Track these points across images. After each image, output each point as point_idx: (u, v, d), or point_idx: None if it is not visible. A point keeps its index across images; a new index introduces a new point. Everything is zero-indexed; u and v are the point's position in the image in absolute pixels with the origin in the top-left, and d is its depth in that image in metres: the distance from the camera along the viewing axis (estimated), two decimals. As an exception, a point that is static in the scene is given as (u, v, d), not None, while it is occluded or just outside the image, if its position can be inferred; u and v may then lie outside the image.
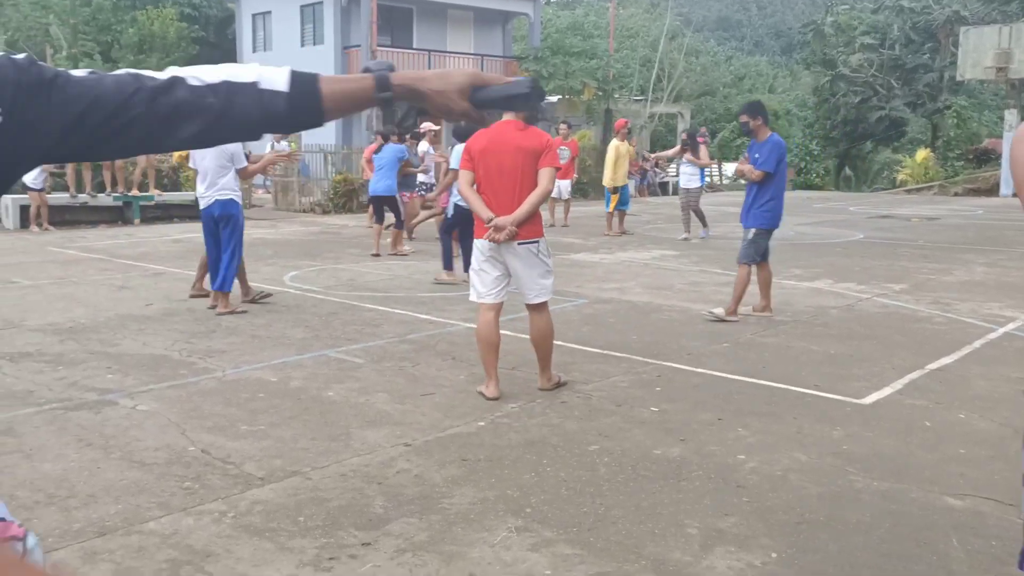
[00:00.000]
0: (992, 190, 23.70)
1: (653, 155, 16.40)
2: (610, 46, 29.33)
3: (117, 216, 14.96)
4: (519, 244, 4.60)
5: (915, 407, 4.64)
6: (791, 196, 25.52)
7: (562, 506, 3.29)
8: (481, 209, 4.61)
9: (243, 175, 7.11)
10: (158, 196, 15.51)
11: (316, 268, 9.66)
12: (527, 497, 3.37)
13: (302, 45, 24.57)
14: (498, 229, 4.52)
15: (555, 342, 5.55)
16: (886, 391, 4.93)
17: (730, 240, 12.66)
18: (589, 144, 22.57)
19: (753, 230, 6.83)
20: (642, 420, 4.37)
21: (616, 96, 29.98)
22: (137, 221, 14.97)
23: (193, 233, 13.38)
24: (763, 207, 6.78)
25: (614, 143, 13.48)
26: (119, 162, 14.75)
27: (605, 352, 5.74)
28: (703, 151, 13.16)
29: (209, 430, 4.11)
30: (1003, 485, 3.55)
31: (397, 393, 4.76)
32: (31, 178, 13.34)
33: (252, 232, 13.74)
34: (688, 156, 12.83)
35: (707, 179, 13.06)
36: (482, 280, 4.71)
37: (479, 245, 4.71)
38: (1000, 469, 3.73)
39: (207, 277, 7.25)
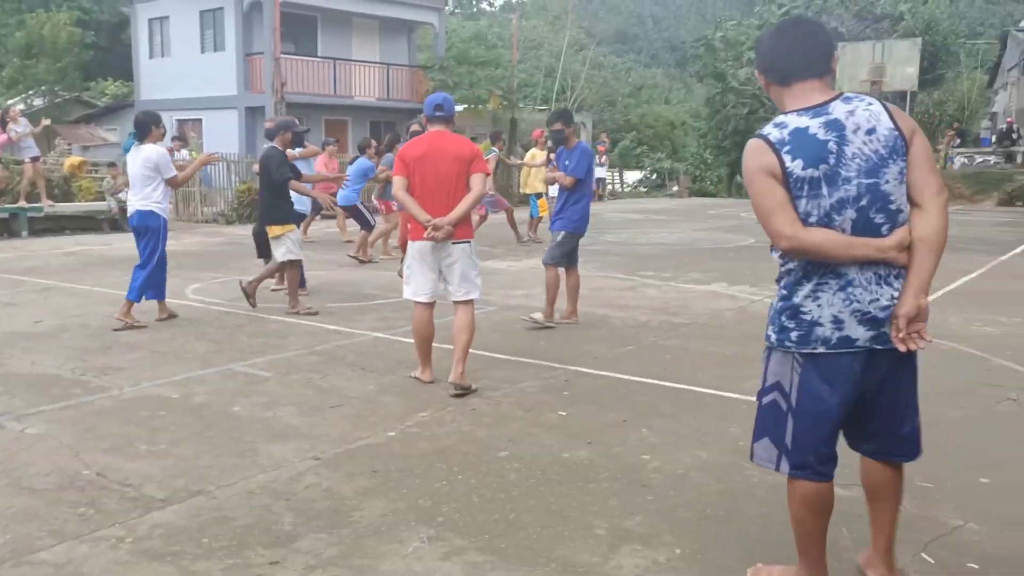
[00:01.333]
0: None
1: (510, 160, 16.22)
2: (514, 57, 29.64)
3: (2, 229, 14.17)
4: (454, 243, 5.00)
5: (805, 404, 4.89)
6: (689, 203, 26.45)
7: (473, 513, 3.34)
8: (418, 212, 4.93)
9: (172, 184, 7.01)
10: (48, 207, 14.78)
11: (220, 280, 9.42)
12: (438, 506, 3.41)
13: (202, 52, 23.88)
14: (437, 228, 4.88)
15: (472, 351, 5.65)
16: (779, 389, 5.17)
17: (633, 246, 13.02)
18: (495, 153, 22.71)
19: (561, 233, 6.92)
20: (550, 424, 4.46)
21: (521, 106, 30.32)
22: (25, 234, 14.22)
23: (86, 246, 12.84)
24: (572, 211, 6.92)
25: (532, 151, 14.02)
26: (1, 172, 14.01)
27: (514, 358, 5.83)
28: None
29: (105, 452, 3.97)
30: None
31: (305, 406, 4.72)
32: None
33: (148, 244, 13.31)
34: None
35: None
36: (418, 281, 5.08)
37: (416, 247, 5.05)
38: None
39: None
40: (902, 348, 2.45)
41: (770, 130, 2.48)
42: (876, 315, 2.46)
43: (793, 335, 2.52)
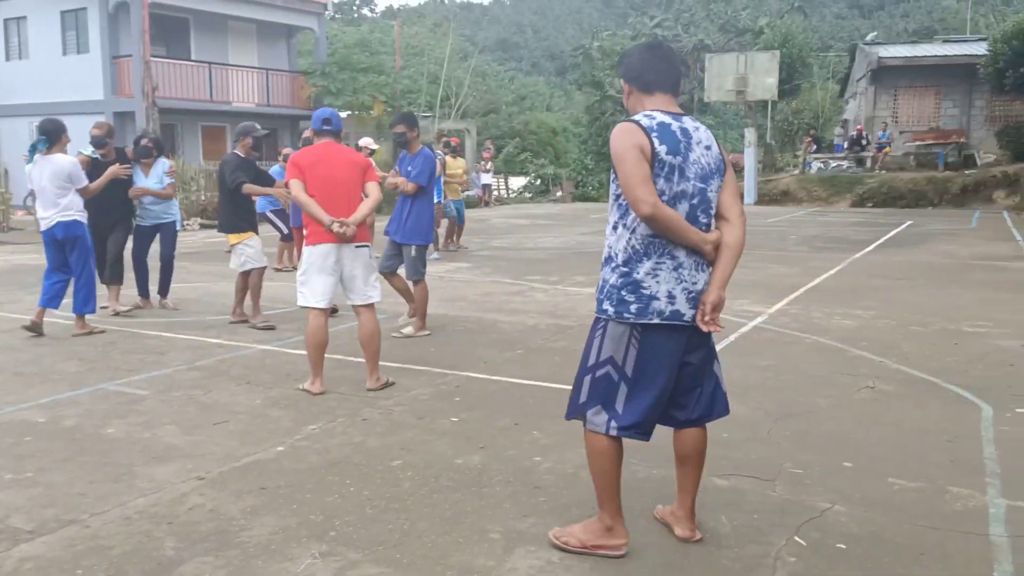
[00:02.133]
0: (738, 199, 26.35)
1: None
2: (397, 63, 29.47)
3: None
4: (356, 246, 5.10)
5: (687, 400, 5.09)
6: (573, 208, 26.98)
7: (367, 525, 3.31)
8: (320, 213, 4.96)
9: (84, 194, 6.86)
10: None
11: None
12: (331, 520, 3.36)
13: (64, 54, 22.56)
14: (344, 225, 4.95)
15: (355, 359, 5.61)
16: (662, 387, 5.37)
17: (520, 251, 13.18)
18: (382, 160, 22.47)
19: (414, 247, 6.74)
20: (443, 431, 4.47)
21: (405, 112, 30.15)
22: None
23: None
24: (420, 222, 6.73)
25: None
26: None
27: (405, 366, 5.80)
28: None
29: (-32, 481, 3.71)
30: (759, 463, 4.00)
31: (187, 424, 4.55)
32: None
33: (11, 258, 12.46)
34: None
35: (468, 195, 13.12)
36: (314, 286, 5.06)
37: (317, 251, 5.04)
38: (756, 448, 4.20)
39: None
40: (705, 329, 2.90)
41: (640, 118, 2.88)
42: (696, 296, 2.90)
43: (632, 307, 2.87)
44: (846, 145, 28.31)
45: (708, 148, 2.92)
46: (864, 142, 27.23)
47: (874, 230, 16.63)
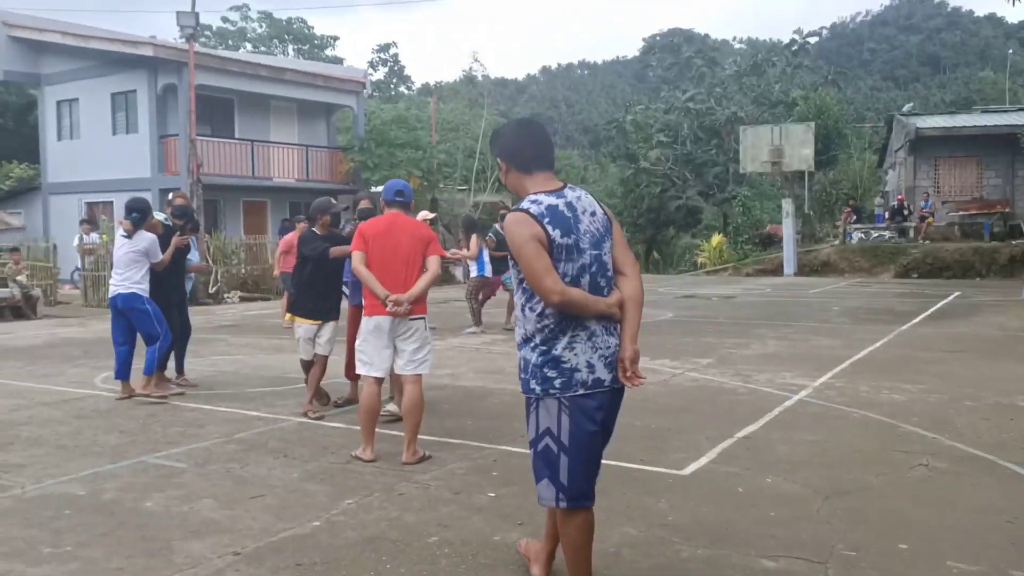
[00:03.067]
0: (777, 270, 26.14)
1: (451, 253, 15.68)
2: (432, 138, 30.13)
3: None
4: (412, 319, 5.21)
5: (728, 474, 4.96)
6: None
7: (404, 603, 3.23)
8: (377, 288, 5.13)
9: (156, 268, 7.24)
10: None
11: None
12: (367, 597, 3.29)
13: (114, 134, 23.45)
14: (397, 303, 5.06)
15: (390, 432, 5.58)
16: (702, 460, 5.25)
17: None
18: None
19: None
20: (480, 507, 4.39)
21: (441, 186, 30.70)
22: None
23: (-18, 335, 12.19)
24: None
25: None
26: None
27: (442, 439, 5.74)
28: (473, 241, 12.16)
29: (5, 556, 3.70)
30: (809, 544, 3.86)
31: (224, 498, 4.53)
32: None
33: (56, 331, 12.73)
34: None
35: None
36: (371, 355, 5.21)
37: (372, 322, 5.18)
38: (805, 528, 4.06)
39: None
40: (630, 385, 3.02)
41: (528, 206, 2.98)
42: (612, 359, 3.00)
43: (557, 383, 2.98)
44: (887, 215, 28.07)
45: (593, 214, 3.06)
46: (906, 212, 26.99)
47: (920, 301, 16.33)
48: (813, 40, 41.31)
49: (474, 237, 12.12)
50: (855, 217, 28.42)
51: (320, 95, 25.97)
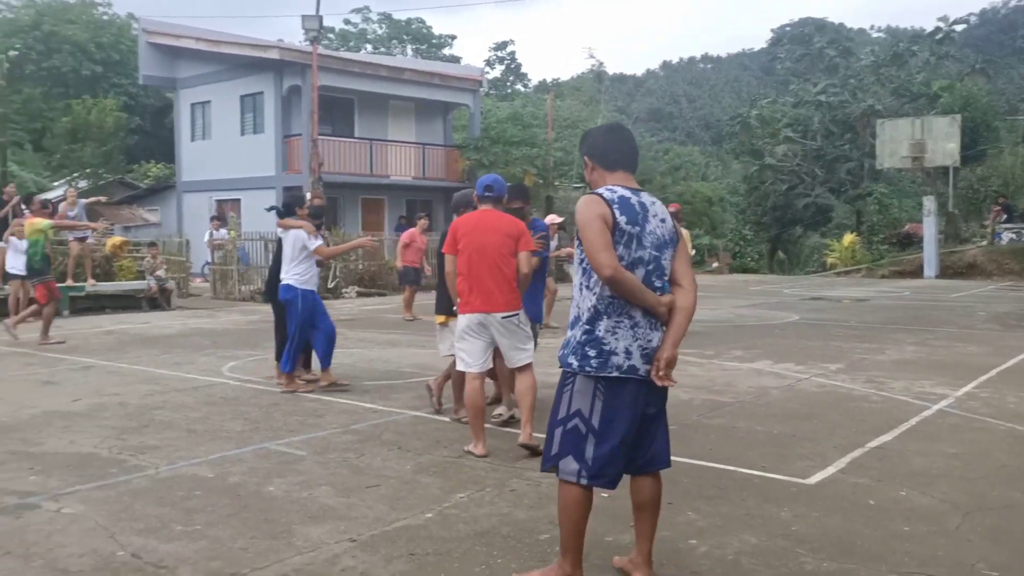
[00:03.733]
0: (916, 272, 24.66)
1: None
2: (549, 135, 30.15)
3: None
4: (504, 316, 5.23)
5: (858, 485, 4.68)
6: (730, 279, 26.22)
7: (514, 601, 3.19)
8: (453, 294, 5.37)
9: (321, 254, 7.52)
10: (91, 286, 15.08)
11: (256, 358, 9.44)
12: (478, 592, 3.26)
13: (242, 134, 24.64)
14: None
15: (500, 430, 5.58)
16: (830, 470, 4.98)
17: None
18: (530, 230, 22.95)
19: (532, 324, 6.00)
20: (593, 506, 4.29)
21: (557, 184, 30.69)
22: (66, 312, 14.47)
23: (125, 324, 13.02)
24: (537, 297, 6.27)
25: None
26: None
27: (552, 438, 5.68)
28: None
29: (140, 532, 3.89)
30: (946, 560, 3.58)
31: (341, 486, 4.62)
32: (10, 264, 12.50)
33: (188, 322, 13.45)
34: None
35: None
36: (469, 352, 5.28)
37: (465, 320, 5.26)
38: (942, 544, 3.77)
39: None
40: (659, 384, 3.16)
41: (603, 192, 3.21)
42: (651, 353, 3.17)
43: (594, 362, 3.14)
44: (1042, 214, 25.95)
45: (663, 221, 3.26)
46: (1063, 210, 24.86)
47: (1074, 306, 15.07)
48: (960, 28, 38.75)
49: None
50: (1005, 216, 26.32)
51: (437, 94, 26.42)
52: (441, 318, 6.27)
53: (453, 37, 60.62)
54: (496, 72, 65.01)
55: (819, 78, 36.22)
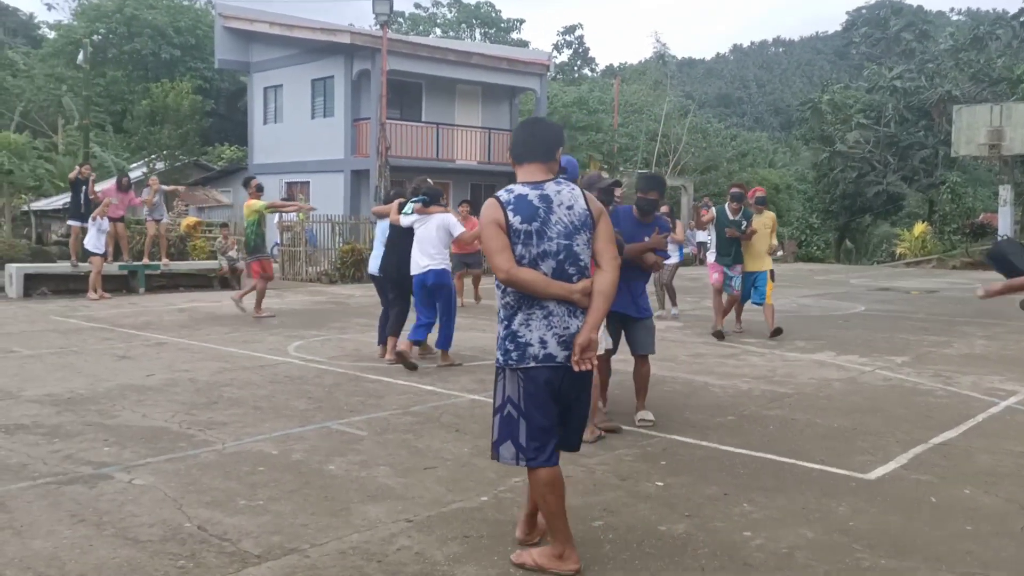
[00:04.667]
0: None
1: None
2: (615, 121, 29.91)
3: (122, 285, 15.02)
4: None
5: (920, 482, 4.59)
6: (795, 268, 25.67)
7: (565, 585, 3.23)
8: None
9: (464, 240, 7.81)
10: (164, 266, 15.63)
11: (321, 338, 9.67)
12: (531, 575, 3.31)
13: (312, 117, 25.06)
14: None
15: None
16: (891, 466, 4.88)
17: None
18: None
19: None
20: (647, 495, 4.32)
21: (621, 169, 30.44)
22: (142, 290, 15.03)
23: (197, 303, 13.45)
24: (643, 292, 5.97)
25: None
26: (122, 230, 14.92)
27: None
28: (679, 227, 11.45)
29: (207, 505, 4.06)
30: (1010, 562, 3.49)
31: (399, 467, 4.72)
32: (91, 243, 13.52)
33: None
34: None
35: (685, 253, 11.49)
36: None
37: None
38: (1006, 546, 3.68)
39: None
40: (575, 368, 3.28)
41: (502, 193, 3.36)
42: (568, 339, 3.29)
43: (514, 355, 3.31)
44: None
45: (570, 208, 3.33)
46: None
47: None
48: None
49: (679, 223, 11.84)
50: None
51: (504, 78, 26.39)
52: None
53: (521, 21, 60.51)
54: (564, 56, 64.68)
55: (894, 62, 35.10)
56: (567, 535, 3.37)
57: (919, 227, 27.57)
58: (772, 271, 10.14)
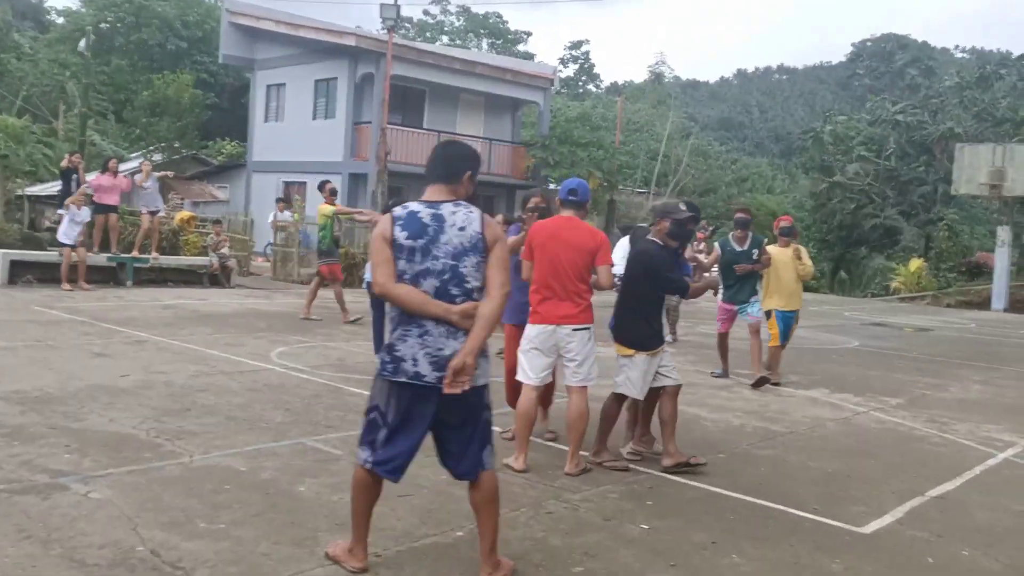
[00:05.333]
0: (984, 303, 23.73)
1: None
2: (616, 139, 29.80)
3: (109, 277, 14.74)
4: (574, 328, 5.06)
5: (916, 539, 4.39)
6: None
7: (539, 639, 3.01)
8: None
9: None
10: (154, 259, 15.34)
11: (306, 345, 9.43)
12: (502, 626, 3.10)
13: (314, 118, 24.87)
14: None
15: (547, 443, 5.41)
16: (886, 519, 4.69)
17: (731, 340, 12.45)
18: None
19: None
20: (631, 538, 4.10)
21: (620, 187, 30.33)
22: (130, 283, 14.76)
23: (184, 300, 13.19)
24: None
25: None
26: (114, 222, 14.66)
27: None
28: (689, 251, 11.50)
29: (164, 526, 3.82)
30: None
31: (372, 492, 4.49)
32: (62, 232, 13.21)
33: (245, 302, 13.57)
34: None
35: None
36: (531, 364, 5.16)
37: (533, 331, 5.13)
38: (1012, 622, 3.48)
39: None
40: (446, 390, 3.26)
41: (397, 209, 3.41)
42: (442, 361, 3.28)
43: (389, 367, 3.35)
44: None
45: (462, 229, 3.33)
46: None
47: None
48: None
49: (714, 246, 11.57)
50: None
51: (508, 90, 26.28)
52: (628, 351, 5.32)
53: (528, 33, 60.52)
54: (569, 71, 64.76)
55: (898, 96, 35.10)
56: (360, 535, 3.50)
57: (915, 263, 27.48)
58: (798, 310, 8.90)
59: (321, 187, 12.26)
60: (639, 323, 5.33)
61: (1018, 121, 29.29)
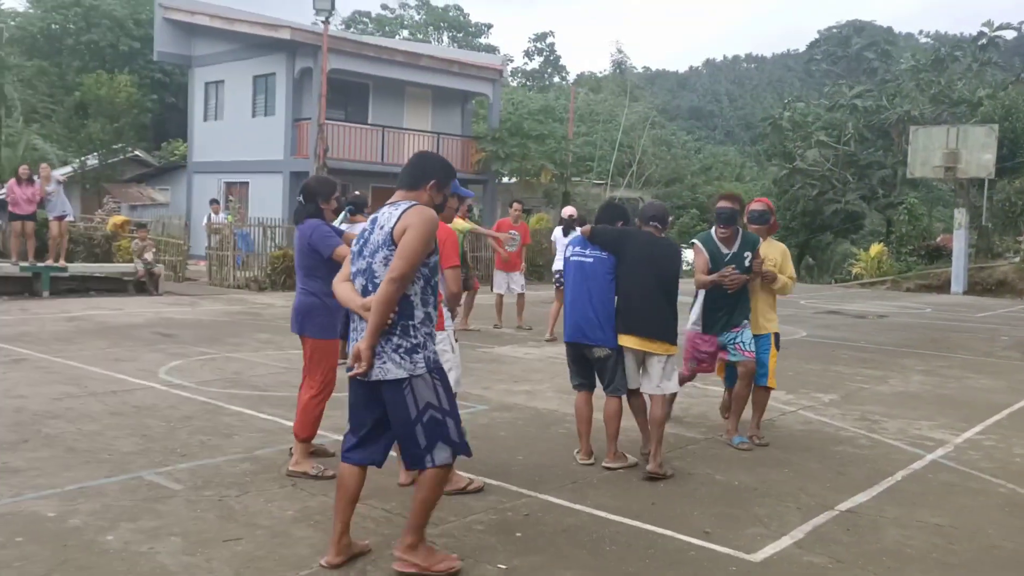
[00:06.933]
0: (943, 287, 23.55)
1: None
2: (569, 130, 29.28)
3: (24, 288, 13.99)
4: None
5: (811, 567, 3.90)
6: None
7: None
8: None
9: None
10: (59, 266, 14.47)
11: (205, 358, 8.81)
12: None
13: (253, 116, 24.08)
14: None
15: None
16: (784, 542, 4.20)
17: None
18: (546, 227, 22.15)
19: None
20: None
21: (576, 180, 29.83)
22: (46, 294, 14.01)
23: (96, 310, 12.45)
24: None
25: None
26: (30, 230, 13.93)
27: (489, 480, 4.93)
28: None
29: (-90, 596, 3.24)
30: None
31: (194, 538, 3.92)
32: None
33: (161, 311, 12.88)
34: None
35: None
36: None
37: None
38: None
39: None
40: (349, 374, 3.49)
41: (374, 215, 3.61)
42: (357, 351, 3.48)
43: (349, 358, 3.52)
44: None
45: (382, 228, 3.47)
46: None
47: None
48: (1010, 35, 37.06)
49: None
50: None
51: (456, 82, 25.62)
52: (673, 349, 5.35)
53: (489, 26, 59.81)
54: (535, 63, 64.12)
55: (856, 81, 34.92)
56: (339, 526, 3.62)
57: (875, 247, 27.27)
58: (777, 334, 6.32)
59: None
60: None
61: (975, 102, 29.13)
